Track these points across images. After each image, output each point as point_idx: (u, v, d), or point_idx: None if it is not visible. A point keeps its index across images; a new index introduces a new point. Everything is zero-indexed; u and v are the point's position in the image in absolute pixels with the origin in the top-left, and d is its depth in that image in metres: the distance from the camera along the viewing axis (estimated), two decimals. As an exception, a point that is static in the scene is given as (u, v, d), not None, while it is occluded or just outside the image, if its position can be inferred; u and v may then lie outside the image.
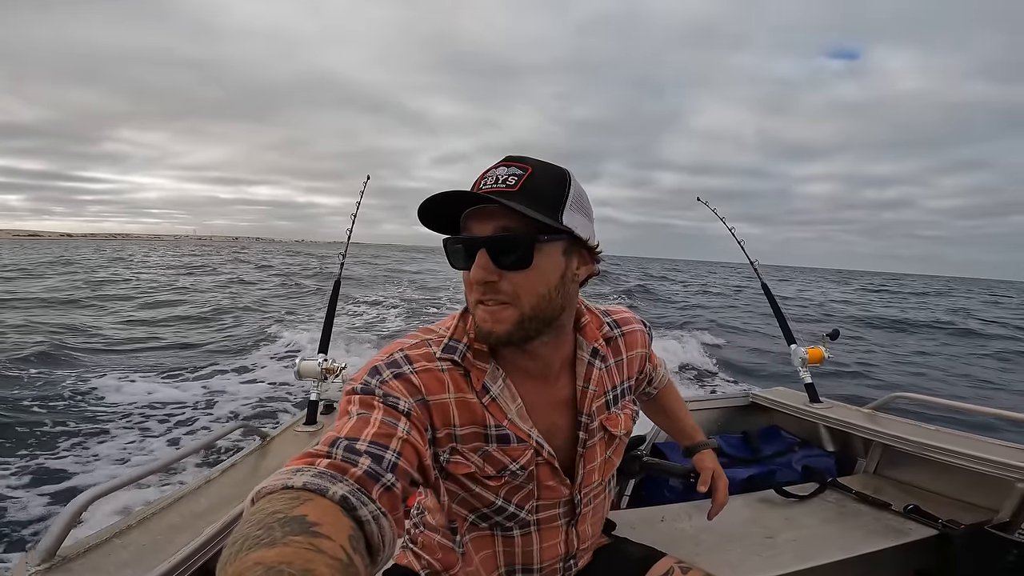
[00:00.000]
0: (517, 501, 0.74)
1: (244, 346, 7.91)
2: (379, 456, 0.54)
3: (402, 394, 0.63)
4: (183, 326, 9.88)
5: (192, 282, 18.93)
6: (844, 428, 1.78)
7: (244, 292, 16.13)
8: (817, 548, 1.22)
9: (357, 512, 0.46)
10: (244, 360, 6.98)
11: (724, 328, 11.75)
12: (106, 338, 8.32)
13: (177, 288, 16.73)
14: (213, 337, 8.73)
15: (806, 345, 2.04)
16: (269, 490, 0.46)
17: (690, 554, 1.18)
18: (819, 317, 15.66)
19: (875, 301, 23.43)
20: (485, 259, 0.62)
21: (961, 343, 11.91)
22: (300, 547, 0.36)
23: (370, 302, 14.00)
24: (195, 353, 7.49)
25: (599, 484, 0.81)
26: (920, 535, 1.28)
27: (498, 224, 0.63)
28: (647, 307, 15.62)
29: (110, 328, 9.22)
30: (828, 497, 1.48)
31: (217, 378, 6.11)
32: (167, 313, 11.28)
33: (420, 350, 0.69)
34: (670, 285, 24.08)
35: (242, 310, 11.88)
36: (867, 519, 1.36)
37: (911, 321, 15.14)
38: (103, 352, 7.33)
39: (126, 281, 18.25)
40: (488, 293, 0.64)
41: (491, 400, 0.71)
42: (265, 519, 0.39)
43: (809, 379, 1.99)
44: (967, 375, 8.54)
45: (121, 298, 13.50)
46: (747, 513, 1.39)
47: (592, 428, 0.77)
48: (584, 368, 0.77)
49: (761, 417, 2.10)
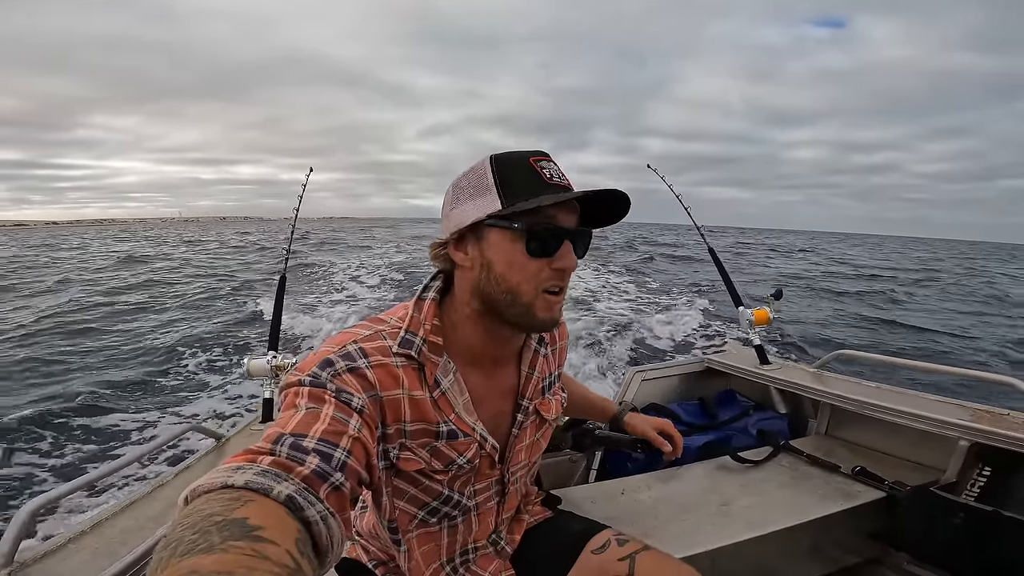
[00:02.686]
0: (458, 488, 0.76)
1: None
2: (328, 454, 0.51)
3: (356, 390, 0.61)
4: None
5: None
6: (793, 389, 1.82)
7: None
8: (770, 515, 1.23)
9: (304, 513, 0.43)
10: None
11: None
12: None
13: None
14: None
15: (752, 307, 2.06)
16: (206, 489, 0.42)
17: (648, 525, 1.18)
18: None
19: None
20: (571, 248, 0.66)
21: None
22: (241, 553, 0.33)
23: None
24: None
25: (524, 464, 0.85)
26: (869, 497, 1.31)
27: (577, 219, 0.68)
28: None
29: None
30: (782, 461, 1.51)
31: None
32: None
33: (375, 343, 0.67)
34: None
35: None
36: (818, 482, 1.39)
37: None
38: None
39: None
40: (566, 281, 0.68)
41: (440, 394, 0.71)
42: (201, 522, 0.36)
43: (758, 340, 2.02)
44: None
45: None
46: (704, 482, 1.40)
47: (528, 411, 0.81)
48: (531, 355, 0.81)
49: (718, 381, 2.13)
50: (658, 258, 20.61)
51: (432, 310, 0.71)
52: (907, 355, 5.65)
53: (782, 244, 45.22)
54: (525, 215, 0.64)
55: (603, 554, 0.87)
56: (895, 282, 16.42)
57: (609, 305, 9.29)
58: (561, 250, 0.65)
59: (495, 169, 0.65)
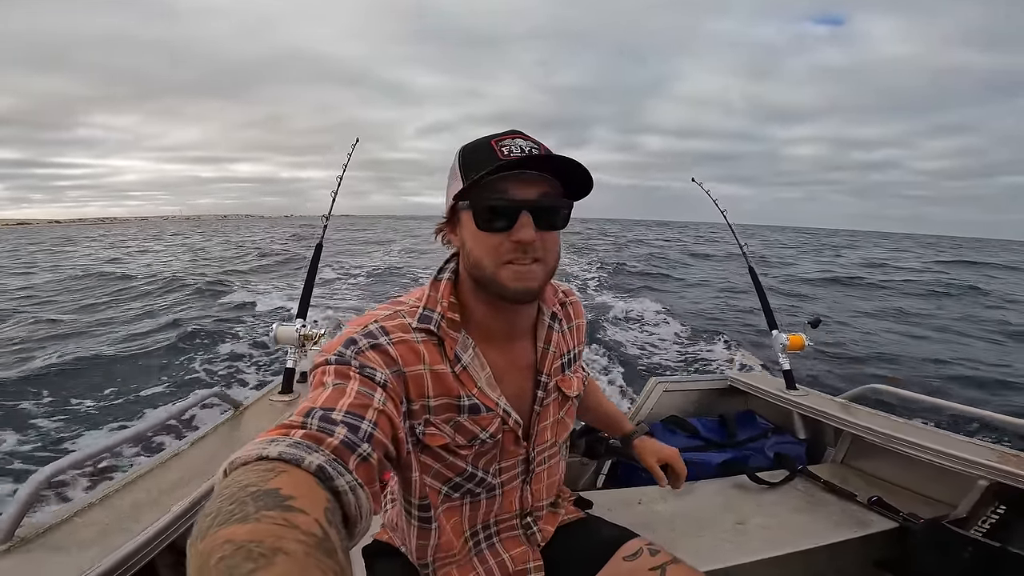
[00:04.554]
0: (483, 465, 0.78)
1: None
2: (355, 426, 0.53)
3: (378, 365, 0.64)
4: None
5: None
6: (817, 416, 1.82)
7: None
8: (785, 536, 1.26)
9: (334, 482, 0.45)
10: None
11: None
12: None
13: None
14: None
15: (788, 332, 2.05)
16: (243, 461, 0.44)
17: (665, 538, 1.20)
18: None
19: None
20: (530, 220, 0.67)
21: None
22: (272, 523, 0.35)
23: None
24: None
25: (552, 444, 0.86)
26: (882, 527, 1.32)
27: (541, 189, 0.68)
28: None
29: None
30: (797, 485, 1.53)
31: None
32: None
33: (394, 321, 0.71)
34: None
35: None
36: (833, 509, 1.41)
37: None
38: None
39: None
40: (528, 253, 0.68)
41: (462, 369, 0.74)
42: (238, 493, 0.38)
43: (788, 365, 2.01)
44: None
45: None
46: (720, 499, 1.43)
47: (549, 388, 0.83)
48: (544, 331, 0.82)
49: (738, 400, 2.14)
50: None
51: (448, 289, 0.75)
52: (948, 395, 5.37)
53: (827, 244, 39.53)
54: (480, 192, 0.67)
55: (634, 562, 0.88)
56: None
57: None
58: (518, 222, 0.66)
59: (461, 155, 0.71)
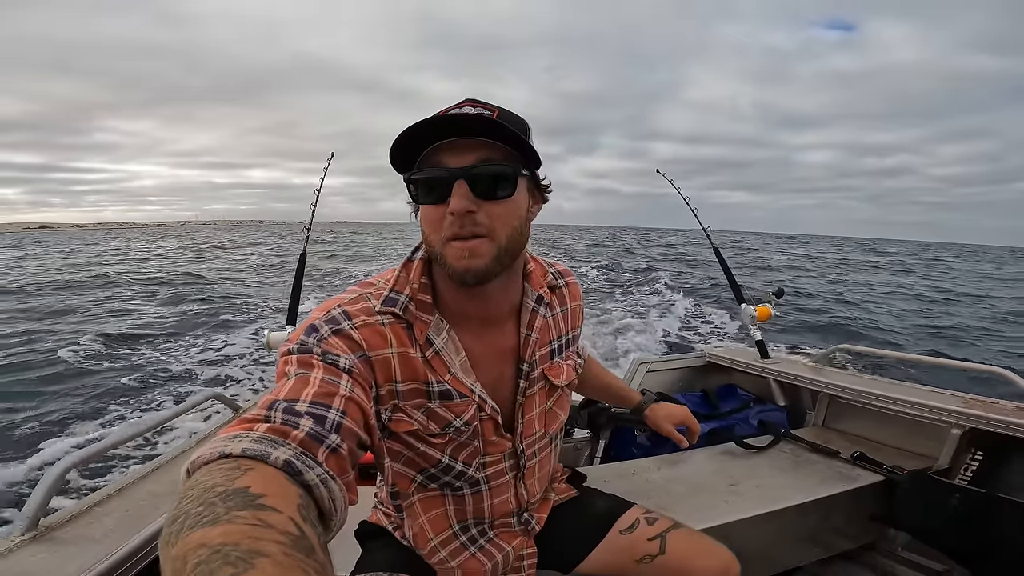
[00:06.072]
0: (463, 459, 0.74)
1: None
2: (322, 416, 0.50)
3: (342, 351, 0.60)
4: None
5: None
6: (792, 381, 1.87)
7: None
8: (778, 494, 1.28)
9: (304, 477, 0.43)
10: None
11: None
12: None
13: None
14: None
15: (755, 304, 2.13)
16: (205, 460, 0.42)
17: (662, 503, 1.21)
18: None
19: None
20: (465, 189, 0.61)
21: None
22: (245, 523, 0.33)
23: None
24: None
25: (541, 436, 0.81)
26: (868, 480, 1.36)
27: (479, 155, 0.62)
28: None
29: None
30: (783, 448, 1.56)
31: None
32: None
33: (359, 304, 0.67)
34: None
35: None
36: (820, 467, 1.44)
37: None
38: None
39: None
40: (466, 226, 0.62)
41: (435, 354, 0.69)
42: (204, 494, 0.36)
43: (759, 336, 2.08)
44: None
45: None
46: (712, 465, 1.44)
47: (533, 377, 0.77)
48: (528, 315, 0.76)
49: (719, 376, 2.18)
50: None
51: (420, 269, 0.70)
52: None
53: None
54: (420, 165, 0.64)
55: (632, 534, 0.87)
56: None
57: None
58: (452, 192, 0.61)
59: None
